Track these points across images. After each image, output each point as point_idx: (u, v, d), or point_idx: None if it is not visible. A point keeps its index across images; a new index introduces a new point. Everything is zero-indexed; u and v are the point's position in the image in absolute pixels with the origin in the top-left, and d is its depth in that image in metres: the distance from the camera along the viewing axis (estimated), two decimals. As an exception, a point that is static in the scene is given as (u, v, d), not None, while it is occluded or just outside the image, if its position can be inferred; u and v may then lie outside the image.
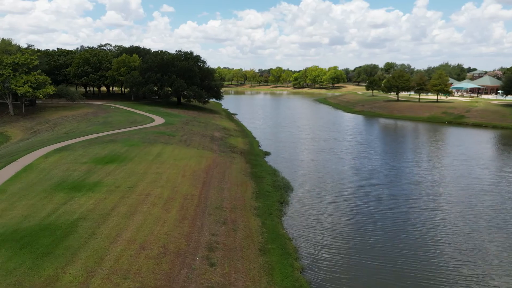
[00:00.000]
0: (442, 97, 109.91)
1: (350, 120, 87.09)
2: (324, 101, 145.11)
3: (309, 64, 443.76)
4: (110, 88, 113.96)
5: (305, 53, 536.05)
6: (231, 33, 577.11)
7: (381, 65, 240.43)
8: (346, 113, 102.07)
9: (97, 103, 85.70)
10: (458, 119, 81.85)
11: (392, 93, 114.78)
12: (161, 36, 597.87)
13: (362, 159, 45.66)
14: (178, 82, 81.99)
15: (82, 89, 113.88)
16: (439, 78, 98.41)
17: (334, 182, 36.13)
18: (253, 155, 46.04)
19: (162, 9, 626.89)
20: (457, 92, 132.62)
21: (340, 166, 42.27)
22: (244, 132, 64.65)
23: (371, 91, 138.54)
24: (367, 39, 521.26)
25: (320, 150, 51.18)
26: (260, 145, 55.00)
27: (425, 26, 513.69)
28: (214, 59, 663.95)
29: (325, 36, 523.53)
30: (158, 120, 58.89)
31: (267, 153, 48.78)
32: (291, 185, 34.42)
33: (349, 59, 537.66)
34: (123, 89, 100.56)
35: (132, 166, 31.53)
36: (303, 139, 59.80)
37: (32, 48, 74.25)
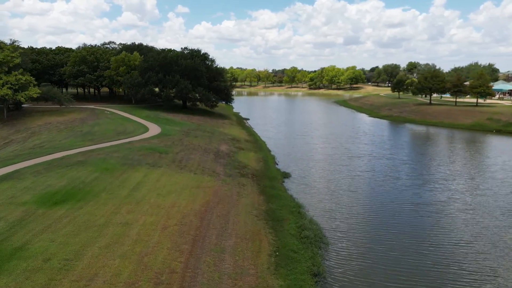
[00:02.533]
0: (480, 100, 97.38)
1: (379, 127, 75.60)
2: (344, 103, 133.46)
3: (323, 64, 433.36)
4: (114, 90, 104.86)
5: (319, 53, 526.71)
6: (245, 33, 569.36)
7: (402, 65, 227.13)
8: (371, 118, 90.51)
9: (92, 106, 76.34)
10: (508, 127, 69.59)
11: (421, 95, 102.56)
12: (176, 37, 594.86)
13: (422, 191, 34.57)
14: (182, 83, 71.94)
15: (74, 90, 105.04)
16: (480, 79, 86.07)
17: (386, 228, 25.27)
18: (268, 178, 35.47)
19: (177, 10, 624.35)
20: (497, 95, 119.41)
21: (391, 201, 31.33)
22: (257, 143, 54.08)
23: (396, 92, 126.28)
24: (383, 38, 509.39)
25: (356, 172, 40.18)
26: (277, 161, 44.41)
27: (443, 25, 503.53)
28: (227, 60, 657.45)
29: (340, 36, 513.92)
30: (153, 130, 48.79)
31: (286, 175, 38.17)
32: (325, 235, 23.76)
33: (364, 59, 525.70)
34: (125, 91, 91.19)
35: (91, 209, 21.31)
36: (329, 154, 48.80)
37: (16, 44, 65.04)
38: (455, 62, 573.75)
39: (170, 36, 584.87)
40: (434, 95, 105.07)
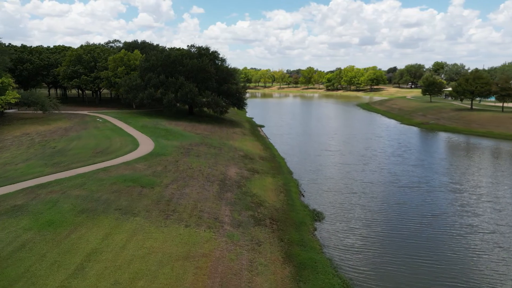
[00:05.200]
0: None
1: (419, 139, 64.02)
2: (368, 107, 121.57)
3: (338, 65, 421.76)
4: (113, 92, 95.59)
5: (334, 54, 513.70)
6: (260, 33, 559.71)
7: (427, 65, 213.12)
8: (404, 126, 78.78)
9: (85, 112, 67.00)
10: None
11: (461, 99, 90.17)
12: (191, 37, 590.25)
13: None
14: (187, 87, 61.84)
15: (75, 92, 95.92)
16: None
17: None
18: (294, 225, 25.00)
19: (192, 11, 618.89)
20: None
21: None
22: (275, 161, 43.53)
23: (420, 95, 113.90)
24: (399, 39, 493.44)
25: (416, 216, 29.23)
26: (302, 190, 33.83)
27: (461, 25, 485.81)
28: (242, 60, 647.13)
29: (355, 36, 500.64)
30: (145, 146, 38.67)
31: (318, 216, 27.62)
32: None
33: (379, 59, 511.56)
34: (122, 95, 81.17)
35: None
36: (370, 182, 37.78)
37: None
38: (474, 63, 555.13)
39: (185, 37, 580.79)
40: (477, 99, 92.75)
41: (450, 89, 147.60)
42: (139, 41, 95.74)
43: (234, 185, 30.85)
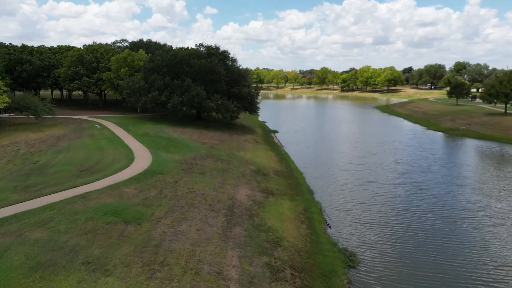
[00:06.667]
0: None
1: (455, 149, 57.14)
2: (388, 109, 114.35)
3: (351, 65, 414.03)
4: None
5: (347, 54, 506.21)
6: (272, 34, 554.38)
7: (449, 65, 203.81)
8: (432, 132, 71.76)
9: (85, 117, 62.07)
10: None
11: (493, 103, 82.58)
12: (203, 38, 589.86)
13: None
14: (194, 89, 56.25)
15: (81, 94, 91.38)
16: None
17: None
18: (322, 275, 19.35)
19: (205, 11, 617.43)
20: None
21: None
22: (292, 178, 37.56)
23: (442, 97, 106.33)
24: (414, 38, 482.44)
25: (480, 259, 22.96)
26: (327, 218, 27.84)
27: (478, 24, 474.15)
28: (254, 60, 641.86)
29: (369, 35, 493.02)
30: (141, 161, 33.10)
31: (352, 259, 21.59)
32: None
33: (393, 59, 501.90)
34: (122, 98, 75.84)
35: None
36: (410, 210, 31.57)
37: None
38: (492, 63, 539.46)
39: (198, 37, 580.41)
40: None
41: (475, 90, 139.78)
42: (145, 40, 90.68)
43: (244, 214, 24.98)
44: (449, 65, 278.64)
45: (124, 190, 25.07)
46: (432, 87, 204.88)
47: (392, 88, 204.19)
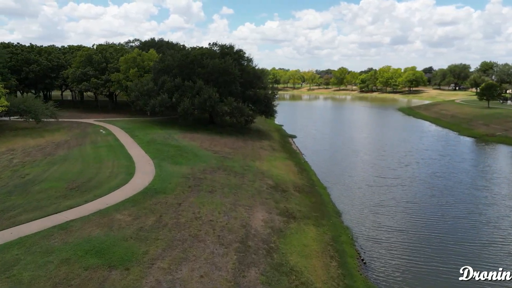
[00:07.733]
0: None
1: (497, 158, 51.20)
2: (412, 112, 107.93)
3: (369, 65, 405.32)
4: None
5: (364, 53, 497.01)
6: (289, 34, 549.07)
7: (473, 65, 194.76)
8: (465, 138, 65.66)
9: (91, 121, 58.63)
10: None
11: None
12: (220, 38, 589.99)
13: None
14: (206, 92, 52.00)
15: (91, 96, 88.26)
16: None
17: None
18: None
19: (222, 12, 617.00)
20: None
21: None
22: (315, 194, 32.81)
23: (483, 100, 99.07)
24: (433, 38, 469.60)
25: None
26: (361, 251, 23.01)
27: (500, 23, 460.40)
28: (270, 60, 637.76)
29: (387, 35, 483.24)
30: (142, 175, 28.89)
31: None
32: None
33: (412, 59, 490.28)
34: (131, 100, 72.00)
35: None
36: (464, 242, 26.43)
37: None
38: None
39: (214, 37, 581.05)
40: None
41: (510, 91, 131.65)
42: (157, 39, 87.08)
43: (261, 248, 20.38)
44: (473, 65, 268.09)
45: (116, 217, 20.78)
46: (456, 88, 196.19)
47: (414, 89, 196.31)
